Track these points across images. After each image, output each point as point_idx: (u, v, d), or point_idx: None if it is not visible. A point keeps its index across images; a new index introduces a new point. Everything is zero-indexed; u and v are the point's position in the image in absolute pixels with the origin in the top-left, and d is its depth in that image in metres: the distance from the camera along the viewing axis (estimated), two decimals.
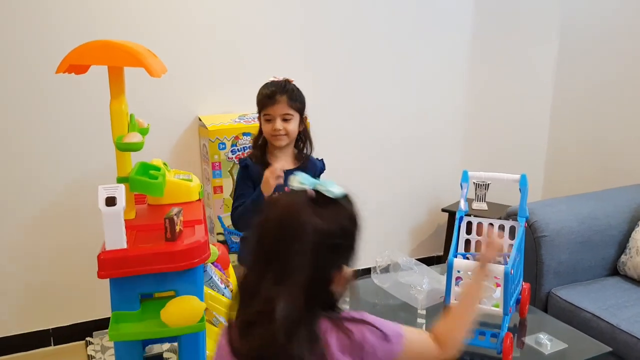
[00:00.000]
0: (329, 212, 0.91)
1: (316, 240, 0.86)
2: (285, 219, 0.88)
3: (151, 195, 1.25)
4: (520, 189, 1.75)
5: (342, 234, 0.92)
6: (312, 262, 0.85)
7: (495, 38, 3.18)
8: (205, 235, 1.20)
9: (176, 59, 2.53)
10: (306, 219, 0.87)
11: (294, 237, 0.85)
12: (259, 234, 0.88)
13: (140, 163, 1.32)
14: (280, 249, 0.86)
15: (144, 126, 1.33)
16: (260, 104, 1.93)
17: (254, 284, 0.85)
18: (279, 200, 0.93)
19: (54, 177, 2.42)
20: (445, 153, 3.26)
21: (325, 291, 0.90)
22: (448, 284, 1.50)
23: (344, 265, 0.93)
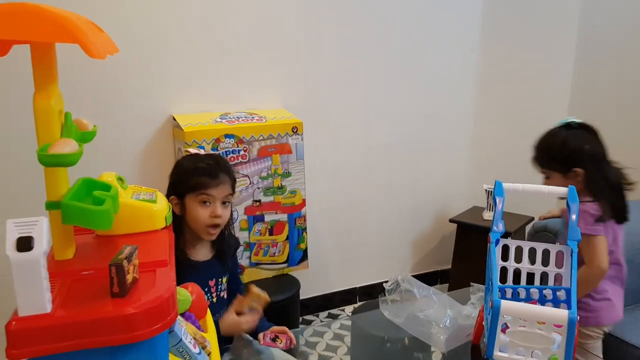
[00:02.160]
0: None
1: None
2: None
3: (94, 227, 0.89)
4: (568, 205, 1.42)
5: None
6: None
7: (507, 38, 2.88)
8: (171, 285, 0.84)
9: (146, 47, 2.16)
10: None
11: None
12: None
13: (83, 180, 0.95)
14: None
15: (87, 129, 0.96)
16: (197, 182, 1.50)
17: None
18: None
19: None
20: (453, 159, 2.95)
21: None
22: (492, 333, 1.16)
23: None
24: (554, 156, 1.63)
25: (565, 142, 1.62)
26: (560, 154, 1.62)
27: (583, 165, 1.59)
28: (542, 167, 1.68)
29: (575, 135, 1.62)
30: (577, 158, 1.60)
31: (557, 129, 1.66)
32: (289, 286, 2.33)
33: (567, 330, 1.10)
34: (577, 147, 1.60)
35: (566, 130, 1.64)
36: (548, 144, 1.65)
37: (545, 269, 1.41)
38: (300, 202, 2.36)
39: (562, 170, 1.63)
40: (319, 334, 1.67)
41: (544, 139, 1.68)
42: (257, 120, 2.23)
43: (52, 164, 0.82)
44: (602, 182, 1.58)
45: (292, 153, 2.30)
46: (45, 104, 0.84)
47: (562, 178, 1.62)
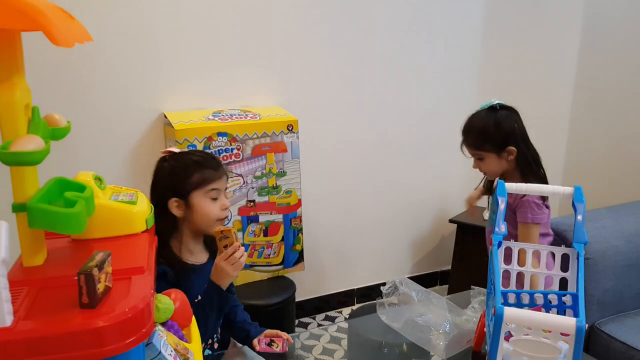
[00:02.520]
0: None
1: None
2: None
3: (63, 232, 0.82)
4: (574, 205, 1.35)
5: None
6: None
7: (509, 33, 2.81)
8: (147, 294, 0.77)
9: (137, 42, 2.09)
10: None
11: None
12: None
13: (55, 180, 0.88)
14: None
15: (59, 125, 0.89)
16: (202, 177, 1.42)
17: None
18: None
19: None
20: (452, 157, 2.86)
21: None
22: (495, 342, 1.09)
23: None
24: (489, 137, 1.68)
25: (500, 122, 1.68)
26: (496, 135, 1.67)
27: (515, 144, 1.68)
28: (477, 150, 1.72)
29: (506, 116, 1.70)
30: (510, 137, 1.68)
31: (485, 112, 1.72)
32: (284, 288, 2.26)
33: (574, 339, 1.03)
34: (510, 127, 1.69)
35: (494, 112, 1.70)
36: (484, 125, 1.69)
37: (550, 273, 1.35)
38: (295, 202, 2.30)
39: (497, 150, 1.69)
40: (315, 337, 1.62)
41: (476, 121, 1.72)
42: (251, 118, 2.17)
43: (14, 162, 0.75)
44: (531, 159, 1.70)
45: (288, 152, 2.23)
46: (8, 97, 0.77)
47: (496, 158, 1.70)
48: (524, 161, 1.69)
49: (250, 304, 2.13)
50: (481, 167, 1.74)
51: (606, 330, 1.75)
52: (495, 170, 1.73)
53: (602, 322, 1.79)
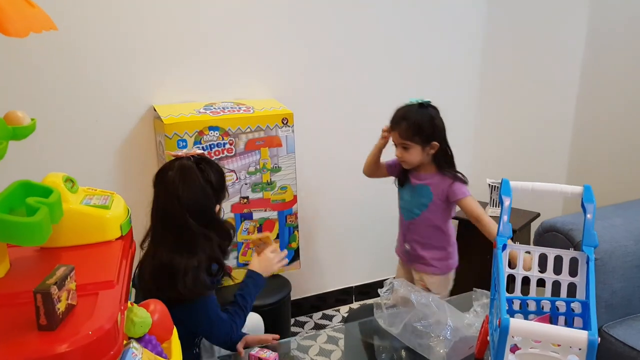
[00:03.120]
0: None
1: None
2: None
3: (22, 244, 0.74)
4: (583, 205, 1.28)
5: None
6: None
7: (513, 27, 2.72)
8: (114, 311, 0.69)
9: (124, 31, 2.00)
10: None
11: None
12: None
13: (18, 184, 0.80)
14: None
15: (22, 123, 0.81)
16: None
17: None
18: None
19: None
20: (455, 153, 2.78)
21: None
22: (500, 355, 1.02)
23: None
24: (421, 130, 1.80)
25: (433, 118, 1.83)
26: (427, 129, 1.80)
27: (439, 140, 1.83)
28: (405, 139, 1.82)
29: (437, 113, 1.86)
30: (437, 133, 1.83)
31: (415, 107, 1.84)
32: (279, 288, 2.19)
33: (586, 354, 0.96)
34: (439, 124, 1.84)
35: (425, 108, 1.84)
36: (419, 119, 1.81)
37: (557, 278, 1.27)
38: (291, 199, 2.22)
39: (423, 143, 1.81)
40: (312, 337, 1.59)
41: (411, 114, 1.83)
42: (244, 111, 2.08)
43: None
44: (448, 156, 1.87)
45: (282, 146, 2.14)
46: None
47: (420, 150, 1.82)
48: (447, 156, 1.86)
49: None
50: (404, 155, 1.84)
51: (614, 334, 1.67)
52: (415, 161, 1.85)
53: (610, 325, 1.71)
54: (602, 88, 2.60)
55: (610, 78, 2.56)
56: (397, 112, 1.87)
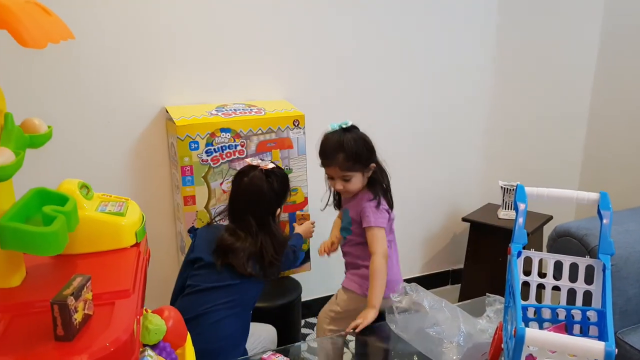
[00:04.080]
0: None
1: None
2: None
3: (36, 253, 0.74)
4: (599, 212, 1.27)
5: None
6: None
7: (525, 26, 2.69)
8: (130, 323, 0.69)
9: (136, 34, 2.01)
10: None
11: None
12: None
13: (34, 192, 0.80)
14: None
15: (39, 131, 0.81)
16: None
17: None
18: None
19: None
20: (466, 154, 2.78)
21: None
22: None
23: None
24: (359, 157, 1.70)
25: (365, 140, 1.73)
26: (364, 154, 1.71)
27: (374, 161, 1.74)
28: (347, 171, 1.71)
29: (364, 134, 1.75)
30: (372, 154, 1.74)
31: (341, 132, 1.73)
32: (290, 290, 2.19)
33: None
34: (371, 145, 1.75)
35: (351, 131, 1.73)
36: (353, 145, 1.69)
37: (573, 285, 1.26)
38: (302, 200, 2.21)
39: (363, 168, 1.72)
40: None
41: (345, 142, 1.70)
42: (255, 113, 2.08)
43: None
44: (383, 174, 1.78)
45: (294, 148, 2.14)
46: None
47: (361, 176, 1.73)
48: (381, 176, 1.77)
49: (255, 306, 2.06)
50: (347, 186, 1.73)
51: (628, 341, 1.66)
52: (358, 187, 1.75)
53: (625, 332, 1.69)
54: (616, 88, 2.57)
55: (625, 80, 2.53)
56: (325, 144, 1.74)
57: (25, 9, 0.67)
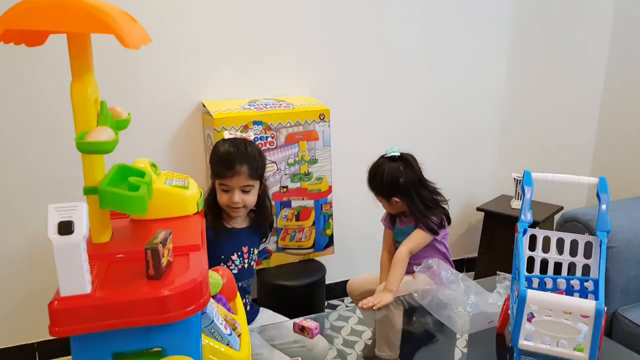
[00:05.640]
0: None
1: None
2: None
3: (130, 213, 0.92)
4: (598, 195, 1.41)
5: None
6: None
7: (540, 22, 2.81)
8: (204, 268, 0.87)
9: (176, 36, 2.19)
10: None
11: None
12: None
13: (118, 167, 0.98)
14: None
15: (122, 117, 0.99)
16: (216, 171, 1.70)
17: None
18: None
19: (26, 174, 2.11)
20: (481, 146, 2.92)
21: None
22: (518, 322, 1.16)
23: None
24: (382, 187, 1.87)
25: (383, 175, 1.86)
26: (381, 185, 1.87)
27: (400, 195, 1.86)
28: (376, 194, 1.92)
29: (392, 169, 1.86)
30: (394, 189, 1.85)
31: (380, 161, 1.90)
32: (314, 271, 2.36)
33: (594, 321, 1.10)
34: (392, 180, 1.85)
35: (387, 163, 1.87)
36: (373, 174, 1.89)
37: (573, 260, 1.40)
38: (326, 189, 2.38)
39: (386, 197, 1.89)
40: (344, 319, 1.69)
41: (372, 169, 1.91)
42: (284, 107, 2.25)
43: (89, 151, 0.85)
44: (420, 206, 1.86)
45: (319, 140, 2.31)
46: (82, 93, 0.87)
47: (387, 204, 1.91)
48: (415, 208, 1.87)
49: (283, 284, 2.24)
50: (384, 205, 1.94)
51: (629, 317, 1.79)
52: (394, 210, 1.93)
53: (625, 309, 1.83)
54: (627, 80, 2.68)
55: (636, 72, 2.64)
56: (370, 171, 1.93)
57: (124, 18, 0.85)
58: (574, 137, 2.88)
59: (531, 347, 1.18)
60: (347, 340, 1.55)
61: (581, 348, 1.15)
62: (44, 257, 2.15)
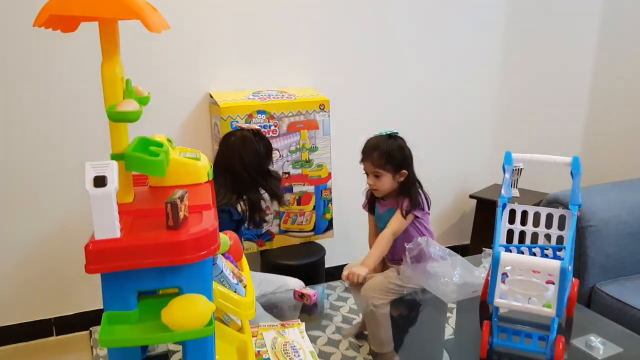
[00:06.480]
0: None
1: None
2: None
3: (151, 174, 1.07)
4: (572, 173, 1.54)
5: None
6: None
7: (532, 16, 2.94)
8: (214, 223, 1.01)
9: (186, 30, 2.34)
10: None
11: None
12: None
13: (140, 138, 1.13)
14: None
15: (143, 94, 1.13)
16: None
17: None
18: None
19: (51, 159, 2.26)
20: (475, 135, 3.05)
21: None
22: (493, 281, 1.30)
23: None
24: (392, 159, 1.89)
25: (402, 148, 1.92)
26: (397, 158, 1.90)
27: (407, 168, 1.92)
28: (378, 168, 1.91)
29: (404, 144, 1.94)
30: (406, 162, 1.92)
31: (385, 137, 1.93)
32: (315, 252, 2.50)
33: (559, 279, 1.23)
34: (408, 153, 1.93)
35: (394, 139, 1.93)
36: (390, 148, 1.90)
37: (549, 231, 1.54)
38: (326, 175, 2.52)
39: (394, 170, 1.91)
40: (343, 299, 1.78)
41: (382, 144, 1.92)
42: (286, 98, 2.39)
43: (118, 119, 1.00)
44: (415, 183, 1.96)
45: (319, 129, 2.45)
46: (112, 72, 1.02)
47: (391, 177, 1.92)
48: (413, 182, 1.95)
49: (285, 264, 2.38)
50: (377, 183, 1.94)
51: (606, 291, 1.92)
52: (386, 188, 1.94)
53: (603, 283, 1.96)
54: (616, 65, 2.79)
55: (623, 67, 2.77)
56: (368, 142, 1.96)
57: (147, 6, 1.00)
58: (565, 123, 3.01)
59: (505, 304, 1.31)
60: (347, 317, 1.64)
61: (549, 305, 1.28)
62: (61, 239, 2.29)
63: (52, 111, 2.22)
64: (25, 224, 2.27)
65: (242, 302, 1.11)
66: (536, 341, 1.33)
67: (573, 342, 1.43)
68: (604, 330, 1.47)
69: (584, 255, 1.95)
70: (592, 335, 1.42)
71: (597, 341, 1.40)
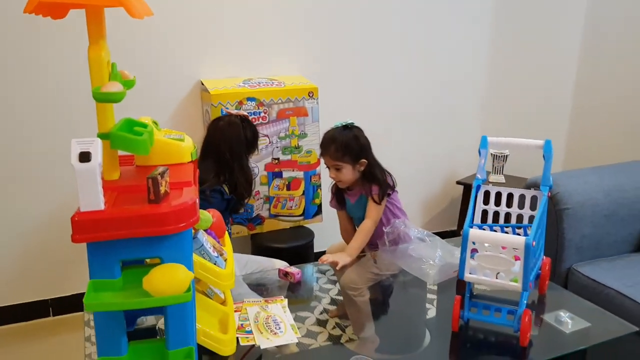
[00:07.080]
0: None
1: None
2: None
3: (135, 153, 1.13)
4: (544, 155, 1.60)
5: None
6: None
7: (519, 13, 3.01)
8: (194, 197, 1.08)
9: (176, 18, 2.40)
10: None
11: None
12: None
13: (125, 119, 1.19)
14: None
15: (129, 78, 1.20)
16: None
17: None
18: None
19: (46, 137, 2.32)
20: (463, 123, 3.11)
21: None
22: (462, 257, 1.37)
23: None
24: (349, 150, 1.92)
25: (357, 138, 1.94)
26: (354, 148, 1.92)
27: (366, 157, 1.95)
28: (337, 161, 1.94)
29: (360, 133, 1.97)
30: (363, 151, 1.94)
31: (340, 129, 1.96)
32: (304, 236, 2.57)
33: (524, 254, 1.30)
34: (364, 142, 1.96)
35: (349, 130, 1.95)
36: (345, 140, 1.92)
37: (521, 211, 1.60)
38: (315, 161, 2.59)
39: (353, 161, 1.93)
40: (332, 282, 1.82)
41: (338, 136, 1.94)
42: (276, 85, 2.45)
43: (103, 100, 1.06)
44: (378, 168, 1.98)
45: (309, 116, 2.51)
46: (97, 55, 1.08)
47: (351, 168, 1.95)
48: (376, 169, 1.98)
49: (275, 246, 2.45)
50: (338, 175, 1.96)
51: (582, 271, 1.98)
52: (348, 179, 1.97)
53: (580, 264, 2.02)
54: (602, 55, 2.85)
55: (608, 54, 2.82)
56: (325, 136, 1.98)
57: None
58: (550, 110, 3.07)
59: (474, 279, 1.38)
60: (335, 299, 1.68)
61: (516, 279, 1.35)
62: (59, 222, 2.37)
63: (43, 100, 2.29)
64: (22, 206, 2.33)
65: (221, 273, 1.18)
66: (505, 315, 1.40)
67: (544, 318, 1.50)
68: (574, 307, 1.54)
69: (561, 237, 2.02)
70: (562, 311, 1.49)
71: (566, 316, 1.47)
